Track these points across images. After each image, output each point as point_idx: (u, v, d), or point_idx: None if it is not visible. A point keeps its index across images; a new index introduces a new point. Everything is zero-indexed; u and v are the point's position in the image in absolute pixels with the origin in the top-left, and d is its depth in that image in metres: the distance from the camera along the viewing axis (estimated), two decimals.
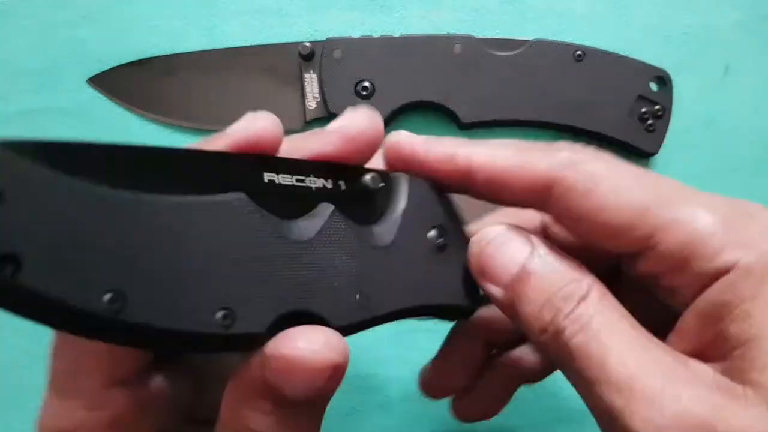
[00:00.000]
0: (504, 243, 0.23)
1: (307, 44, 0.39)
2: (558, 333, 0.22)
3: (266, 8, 0.41)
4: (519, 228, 0.24)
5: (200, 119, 0.40)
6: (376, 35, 0.39)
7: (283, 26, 0.41)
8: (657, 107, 0.40)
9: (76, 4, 0.41)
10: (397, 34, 0.39)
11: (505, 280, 0.23)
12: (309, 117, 0.40)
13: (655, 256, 0.22)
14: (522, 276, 0.23)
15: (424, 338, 0.39)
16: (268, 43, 0.41)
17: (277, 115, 0.40)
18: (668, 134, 0.41)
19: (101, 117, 0.40)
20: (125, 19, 0.41)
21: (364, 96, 0.39)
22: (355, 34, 0.40)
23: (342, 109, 0.39)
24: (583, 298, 0.22)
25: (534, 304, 0.23)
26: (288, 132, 0.40)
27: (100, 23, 0.41)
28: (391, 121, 0.40)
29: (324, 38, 0.40)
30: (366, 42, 0.39)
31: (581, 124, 0.40)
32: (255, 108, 0.40)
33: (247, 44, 0.41)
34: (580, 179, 0.23)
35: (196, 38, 0.41)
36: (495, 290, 0.23)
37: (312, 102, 0.40)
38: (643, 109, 0.40)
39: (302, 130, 0.40)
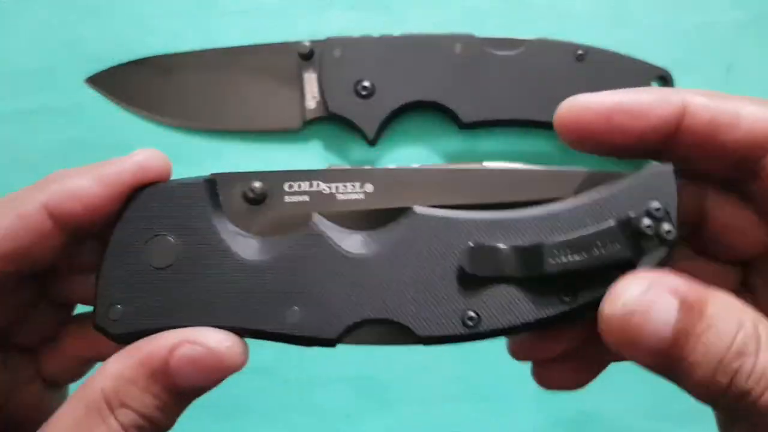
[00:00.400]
0: (649, 308, 0.19)
1: (307, 43, 0.39)
2: (742, 395, 0.19)
3: (265, 7, 0.41)
4: (656, 276, 0.20)
5: (199, 119, 0.40)
6: (376, 34, 0.39)
7: (282, 25, 0.41)
8: None
9: (74, 5, 0.41)
10: (397, 34, 0.39)
11: (657, 349, 0.19)
12: (308, 116, 0.40)
13: None
14: (679, 341, 0.19)
15: None
16: (267, 42, 0.40)
17: (275, 115, 0.40)
18: None
19: (99, 116, 0.40)
20: (123, 18, 0.41)
21: (364, 95, 0.39)
22: (355, 34, 0.39)
23: (342, 109, 0.39)
24: (759, 346, 0.19)
25: (703, 369, 0.19)
26: (286, 131, 0.41)
27: (98, 23, 0.41)
28: (391, 120, 0.39)
29: (324, 37, 0.39)
30: (366, 41, 0.39)
31: None
32: (254, 107, 0.40)
33: (246, 44, 0.40)
34: (722, 105, 0.21)
35: (195, 38, 0.41)
36: (645, 360, 0.19)
37: (311, 101, 0.39)
38: None
39: (301, 129, 0.40)
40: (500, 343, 0.38)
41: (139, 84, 0.40)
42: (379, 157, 0.40)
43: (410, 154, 0.40)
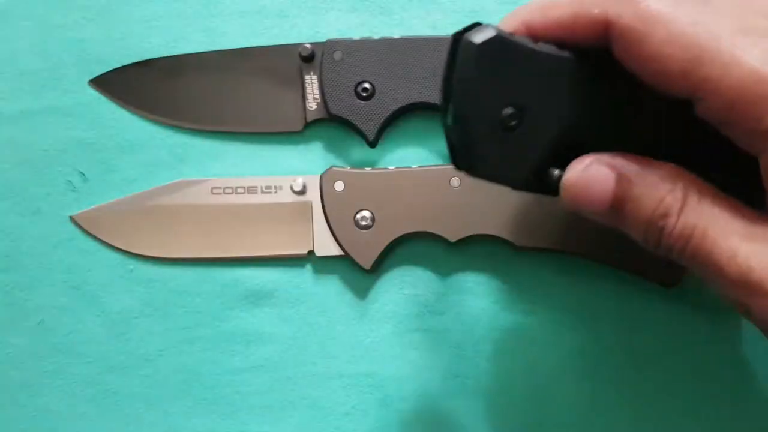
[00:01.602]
0: (589, 181, 0.24)
1: (308, 45, 0.39)
2: (669, 249, 0.23)
3: (267, 9, 0.41)
4: (601, 157, 0.24)
5: (201, 120, 0.40)
6: (376, 37, 0.40)
7: (283, 28, 0.41)
8: None
9: (77, 5, 0.41)
10: (397, 36, 0.40)
11: (601, 212, 0.24)
12: (309, 118, 0.40)
13: (705, 109, 0.22)
14: (615, 206, 0.23)
15: (424, 338, 0.39)
16: (268, 44, 0.41)
17: (277, 116, 0.40)
18: None
19: (103, 118, 0.41)
20: (126, 20, 0.41)
21: (365, 97, 0.39)
22: (356, 36, 0.40)
23: (342, 110, 0.40)
24: (681, 208, 0.23)
25: (637, 228, 0.24)
26: (288, 134, 0.41)
27: (101, 24, 0.41)
28: (391, 121, 0.40)
29: (324, 40, 0.40)
30: (366, 43, 0.39)
31: None
32: (256, 109, 0.40)
33: (248, 45, 0.41)
34: (635, 22, 0.22)
35: (197, 39, 0.41)
36: (597, 219, 0.24)
37: (312, 103, 0.40)
38: None
39: (303, 131, 0.41)
40: (500, 341, 0.39)
41: (142, 85, 0.41)
42: (380, 159, 0.40)
43: (410, 155, 0.40)
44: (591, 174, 0.24)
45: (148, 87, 0.40)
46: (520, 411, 0.38)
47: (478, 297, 0.39)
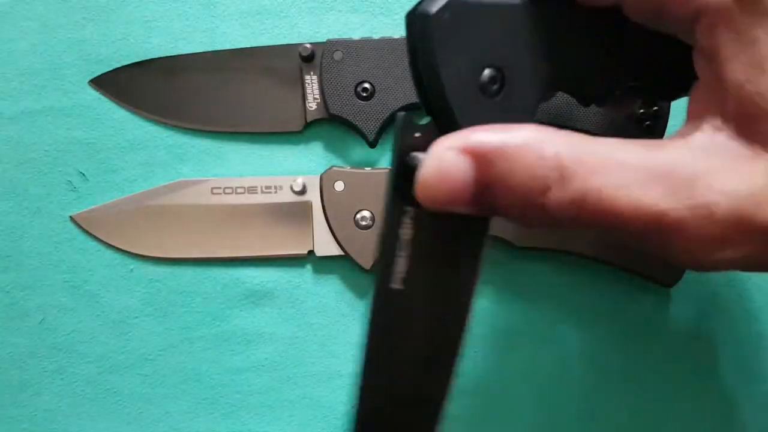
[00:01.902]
0: (444, 175, 0.20)
1: (308, 45, 0.39)
2: (558, 223, 0.20)
3: (267, 10, 0.41)
4: (455, 139, 0.20)
5: (201, 120, 0.40)
6: (376, 37, 0.40)
7: (283, 28, 0.41)
8: (655, 107, 0.41)
9: (77, 5, 0.41)
10: (397, 36, 0.40)
11: (463, 203, 0.20)
12: (309, 118, 0.40)
13: (634, 4, 0.22)
14: (483, 192, 0.20)
15: None
16: (268, 44, 0.41)
17: (277, 116, 0.40)
18: (666, 135, 0.41)
19: (103, 118, 0.41)
20: (126, 20, 0.41)
21: (365, 97, 0.39)
22: (356, 36, 0.40)
23: (342, 110, 0.40)
24: (561, 176, 0.19)
25: (516, 209, 0.20)
26: (288, 134, 0.41)
27: (101, 24, 0.41)
28: (391, 121, 0.40)
29: (324, 40, 0.40)
30: (366, 43, 0.39)
31: (578, 125, 0.40)
32: (256, 109, 0.40)
33: (248, 45, 0.41)
34: None
35: (197, 39, 0.41)
36: (461, 211, 0.21)
37: (312, 103, 0.40)
38: (641, 110, 0.40)
39: (303, 131, 0.41)
40: (501, 339, 0.39)
41: (142, 85, 0.41)
42: (380, 159, 0.40)
43: None
44: (444, 166, 0.20)
45: (148, 87, 0.41)
46: (520, 411, 0.38)
47: (478, 297, 0.39)
